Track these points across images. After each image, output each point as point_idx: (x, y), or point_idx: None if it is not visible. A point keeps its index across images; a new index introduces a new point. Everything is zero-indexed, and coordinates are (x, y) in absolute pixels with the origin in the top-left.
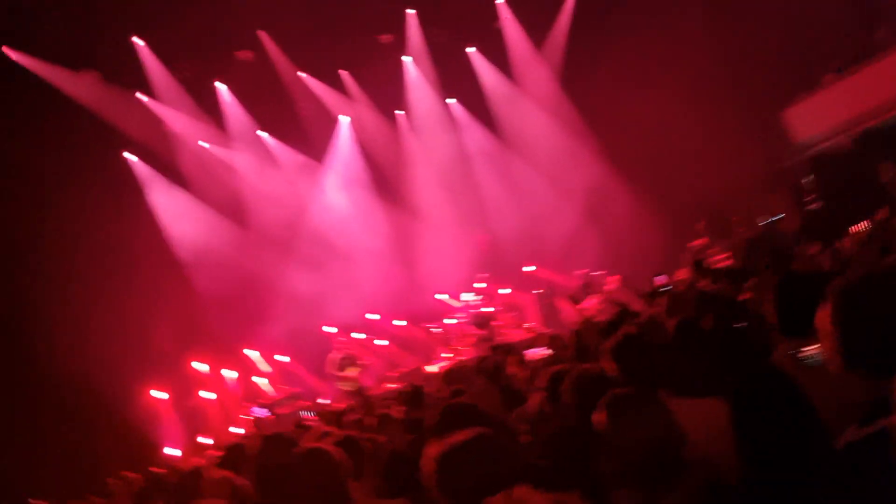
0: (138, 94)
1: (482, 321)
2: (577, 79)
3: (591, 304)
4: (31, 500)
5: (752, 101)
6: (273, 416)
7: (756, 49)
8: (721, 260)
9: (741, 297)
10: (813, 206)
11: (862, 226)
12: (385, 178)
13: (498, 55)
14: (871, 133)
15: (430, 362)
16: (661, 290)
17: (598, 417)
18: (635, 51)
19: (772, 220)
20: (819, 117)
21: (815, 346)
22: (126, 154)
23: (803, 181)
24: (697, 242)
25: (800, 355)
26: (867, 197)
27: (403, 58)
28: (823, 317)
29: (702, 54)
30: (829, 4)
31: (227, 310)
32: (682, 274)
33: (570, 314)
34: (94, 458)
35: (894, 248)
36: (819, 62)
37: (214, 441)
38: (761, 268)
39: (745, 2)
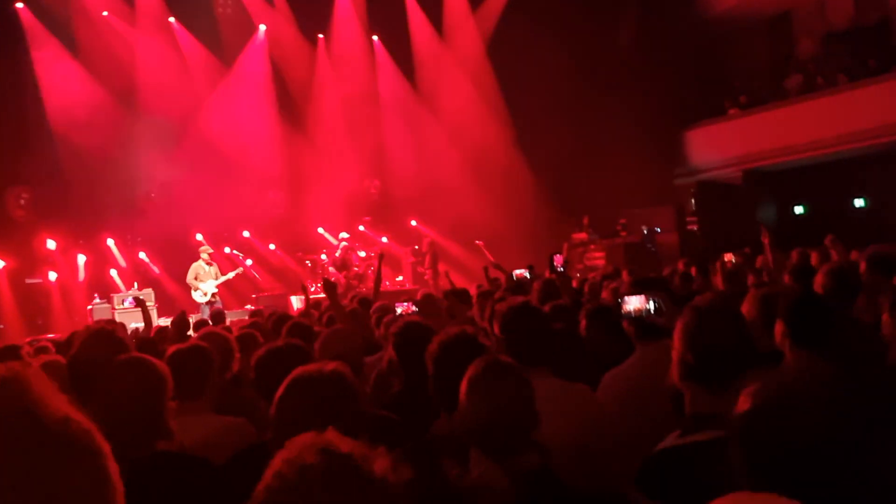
0: None
1: (341, 265)
2: (504, 52)
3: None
4: None
5: (662, 117)
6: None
7: (677, 69)
8: (597, 257)
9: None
10: (692, 227)
11: (730, 256)
12: (291, 98)
13: (433, 5)
14: (760, 172)
15: (295, 292)
16: (559, 269)
17: (462, 384)
18: (564, 42)
19: (652, 232)
20: (716, 146)
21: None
22: (18, 5)
23: (689, 202)
24: (579, 236)
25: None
26: (742, 230)
27: None
28: (676, 332)
29: (627, 63)
30: (749, 44)
31: (93, 192)
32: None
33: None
34: None
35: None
36: (728, 94)
37: (49, 324)
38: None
39: (673, 27)
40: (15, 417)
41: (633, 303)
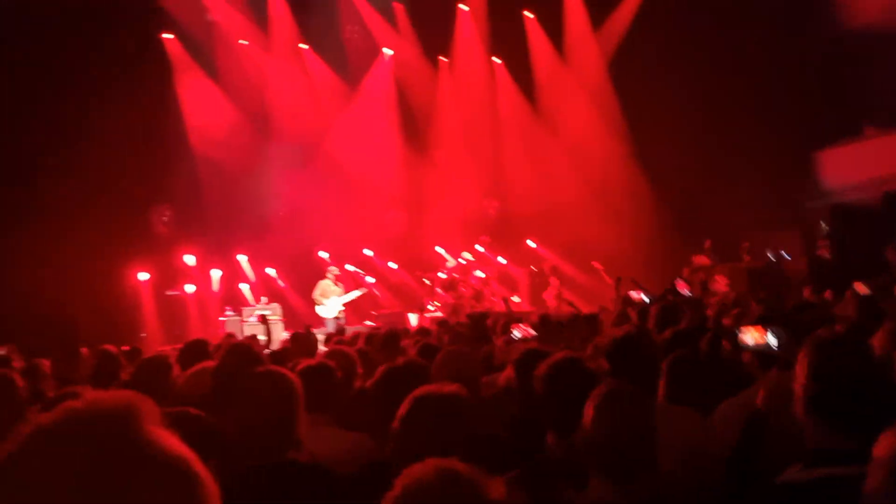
0: None
1: (449, 285)
2: (626, 72)
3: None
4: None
5: (791, 136)
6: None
7: (805, 86)
8: (719, 282)
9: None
10: (821, 253)
11: (862, 286)
12: (413, 120)
13: (554, 25)
14: None
15: (413, 310)
16: (683, 294)
17: (587, 409)
18: (688, 63)
19: (778, 257)
20: (852, 167)
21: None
22: (165, 35)
23: (820, 226)
24: (699, 259)
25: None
26: (877, 257)
27: (460, 5)
28: (800, 363)
29: (752, 83)
30: (887, 59)
31: (228, 210)
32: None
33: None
34: (74, 326)
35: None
36: (864, 113)
37: (185, 334)
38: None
39: (805, 43)
40: (123, 447)
41: (753, 336)
